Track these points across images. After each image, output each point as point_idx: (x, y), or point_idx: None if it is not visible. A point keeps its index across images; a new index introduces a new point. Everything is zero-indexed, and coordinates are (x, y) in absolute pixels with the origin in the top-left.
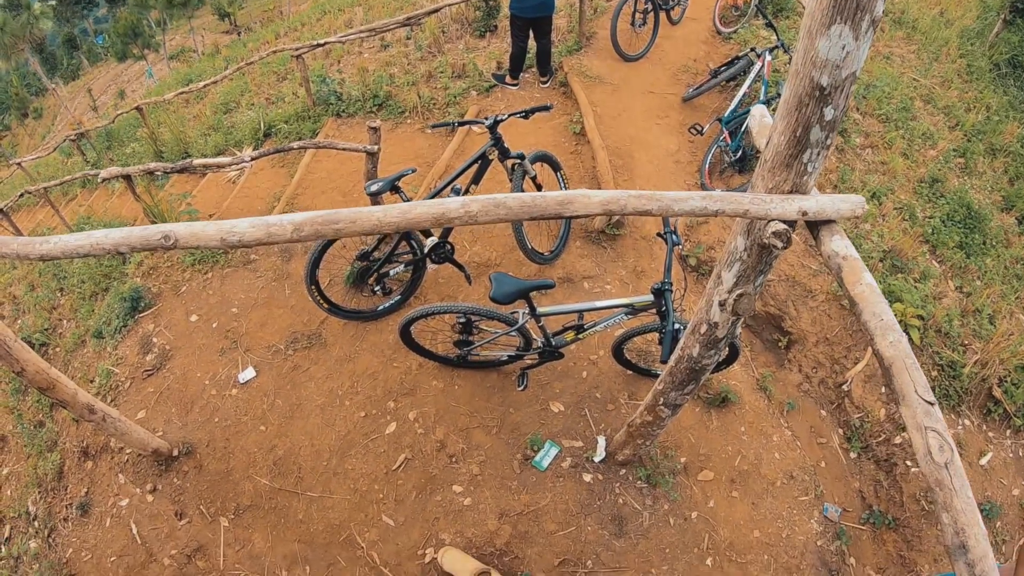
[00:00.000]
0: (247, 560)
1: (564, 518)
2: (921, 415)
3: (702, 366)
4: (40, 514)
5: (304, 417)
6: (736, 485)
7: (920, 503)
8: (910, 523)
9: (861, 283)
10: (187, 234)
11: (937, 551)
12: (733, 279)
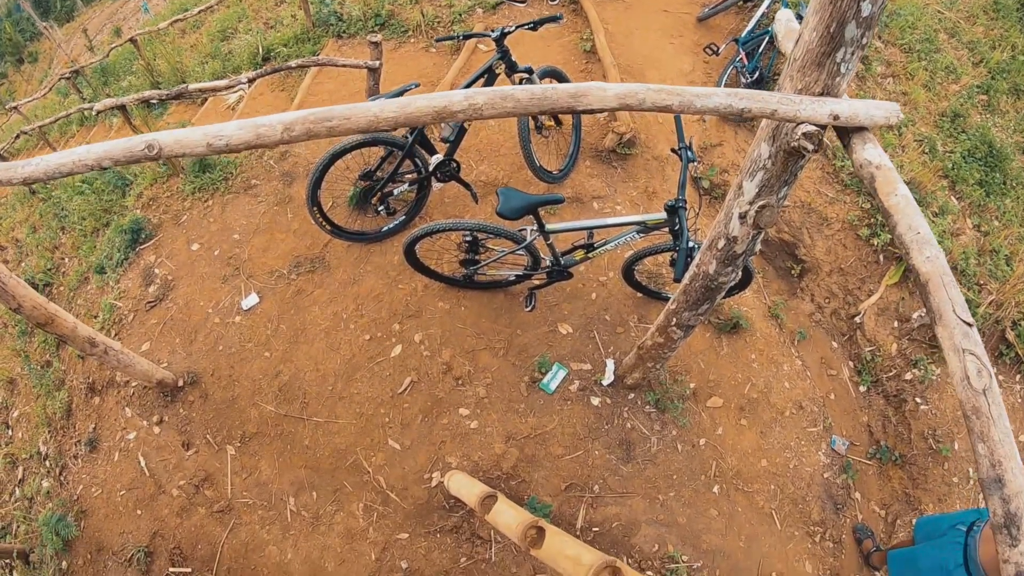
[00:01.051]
0: (254, 488)
1: (571, 442)
2: (959, 336)
3: (718, 284)
4: (51, 453)
5: (308, 342)
6: (745, 413)
7: (928, 441)
8: (917, 461)
9: (896, 194)
10: (171, 141)
11: (942, 491)
12: (755, 189)
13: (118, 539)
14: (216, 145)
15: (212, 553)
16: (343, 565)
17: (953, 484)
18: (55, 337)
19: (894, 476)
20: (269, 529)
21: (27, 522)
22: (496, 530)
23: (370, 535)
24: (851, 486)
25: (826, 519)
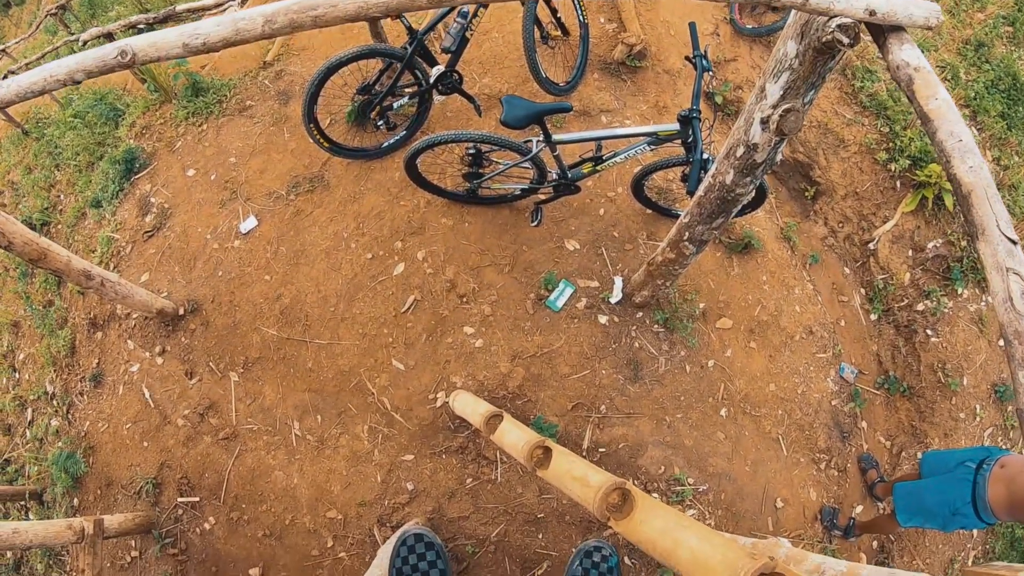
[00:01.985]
0: (259, 413)
1: (578, 361)
2: (1003, 254)
3: (734, 196)
4: (58, 392)
5: (309, 263)
6: (754, 336)
7: (937, 374)
8: (925, 393)
9: (936, 98)
10: (145, 45)
11: (948, 426)
12: (780, 92)
13: (126, 472)
14: (193, 45)
15: (219, 481)
16: (349, 488)
17: (960, 420)
18: (51, 273)
19: (901, 408)
20: (275, 454)
21: (39, 463)
22: (502, 450)
23: (375, 457)
24: (858, 415)
25: (832, 447)
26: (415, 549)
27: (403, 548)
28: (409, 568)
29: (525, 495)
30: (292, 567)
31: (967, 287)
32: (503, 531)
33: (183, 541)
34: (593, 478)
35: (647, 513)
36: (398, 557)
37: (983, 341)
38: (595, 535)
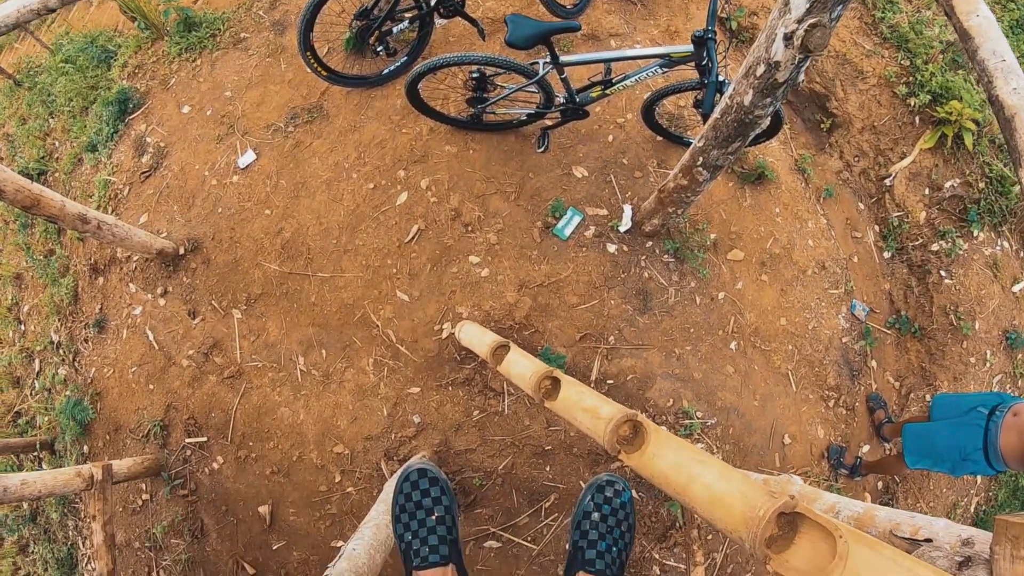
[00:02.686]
0: (263, 350)
1: (586, 291)
2: None
3: (753, 119)
4: (63, 341)
5: (310, 195)
6: (766, 269)
7: (949, 317)
8: (936, 335)
9: (977, 14)
10: None
11: (958, 369)
12: (805, 4)
13: (134, 416)
14: None
15: (226, 420)
16: (355, 423)
17: (970, 364)
18: (46, 219)
19: (912, 348)
20: (280, 391)
21: (48, 413)
22: (509, 382)
23: (381, 391)
24: (868, 354)
25: (841, 385)
26: (418, 485)
27: (406, 484)
28: (413, 505)
29: (532, 427)
30: (301, 503)
31: (983, 230)
32: (510, 463)
33: (192, 482)
34: (603, 409)
35: (660, 447)
36: (401, 494)
37: (997, 286)
38: (603, 468)
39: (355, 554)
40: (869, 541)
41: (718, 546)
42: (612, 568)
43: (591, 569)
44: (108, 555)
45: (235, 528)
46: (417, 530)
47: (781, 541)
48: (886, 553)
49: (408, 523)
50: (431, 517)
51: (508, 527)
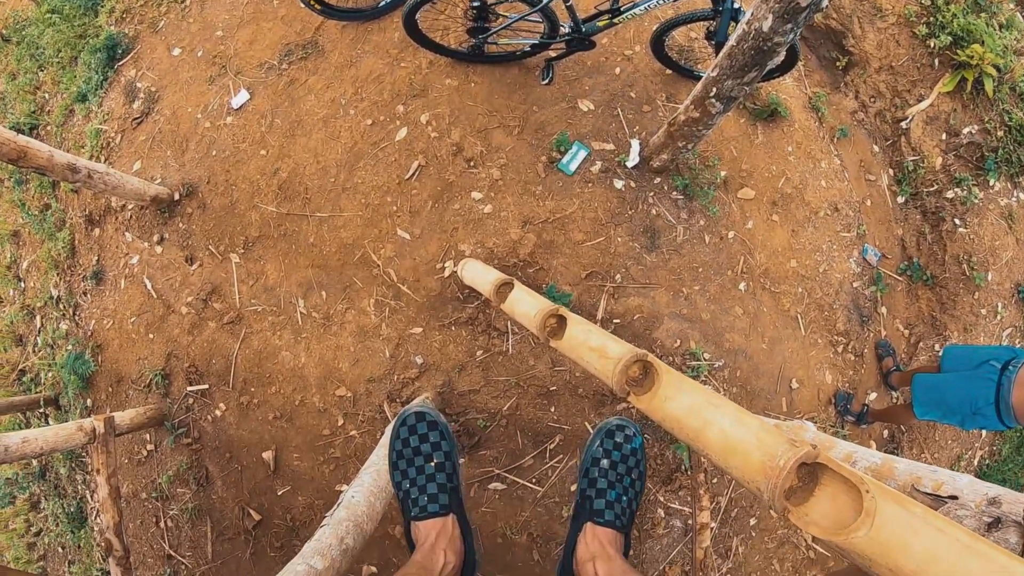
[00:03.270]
0: (262, 293)
1: (592, 227)
2: None
3: (771, 46)
4: (63, 295)
5: (306, 134)
6: (777, 208)
7: (962, 266)
8: (948, 285)
9: None
10: None
11: (968, 320)
12: None
13: (135, 367)
14: None
15: (227, 366)
16: (357, 365)
17: (981, 316)
18: (35, 172)
19: (922, 296)
20: (280, 334)
21: (52, 368)
22: (513, 320)
23: (383, 331)
24: (878, 300)
25: (850, 330)
26: (416, 429)
27: (403, 429)
28: (410, 451)
29: (537, 367)
30: (304, 448)
31: (1000, 180)
32: (515, 404)
33: (196, 430)
34: (612, 349)
35: (672, 389)
36: (398, 439)
37: (1011, 238)
38: (608, 409)
39: (354, 502)
40: (897, 497)
41: (723, 489)
42: (622, 519)
43: (599, 520)
44: (114, 507)
45: (240, 475)
46: (415, 478)
47: (801, 493)
48: (916, 511)
49: (406, 470)
50: (430, 464)
51: (513, 469)
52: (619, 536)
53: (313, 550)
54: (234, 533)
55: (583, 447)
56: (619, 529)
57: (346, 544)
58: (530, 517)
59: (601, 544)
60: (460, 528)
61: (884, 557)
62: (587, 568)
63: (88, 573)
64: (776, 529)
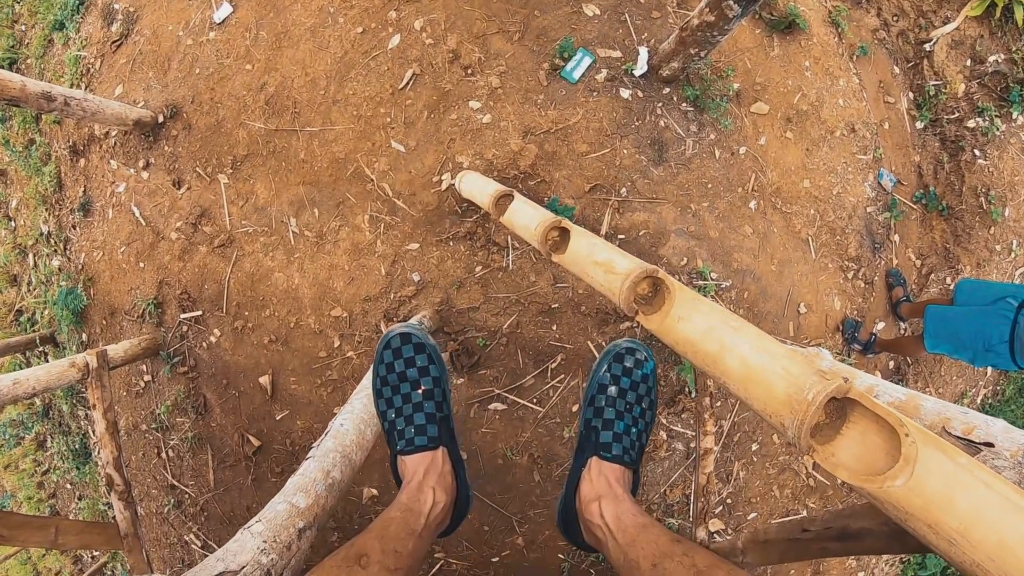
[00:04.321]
0: (253, 214)
1: (597, 138)
2: None
3: None
4: (52, 230)
5: (293, 45)
6: (792, 125)
7: (980, 199)
8: (964, 217)
9: None
10: None
11: (982, 256)
12: None
13: (127, 298)
14: None
15: (219, 291)
16: (352, 283)
17: (995, 252)
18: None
19: (936, 227)
20: (273, 255)
21: (47, 306)
22: (513, 235)
23: (378, 249)
24: (892, 227)
25: (862, 256)
26: (401, 353)
27: (387, 353)
28: (395, 377)
29: (538, 284)
30: (301, 371)
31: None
32: (515, 322)
33: (191, 358)
34: (619, 264)
35: (686, 308)
36: (381, 364)
37: None
38: (612, 328)
39: (343, 431)
40: (939, 443)
41: (726, 414)
42: (630, 454)
43: (606, 455)
44: (112, 442)
45: (237, 401)
46: (401, 407)
47: (827, 431)
48: (961, 461)
49: (391, 399)
50: (417, 391)
51: (513, 389)
52: (627, 472)
53: (296, 486)
54: (235, 460)
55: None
56: (627, 465)
57: (332, 478)
58: (531, 438)
59: (608, 482)
60: (451, 462)
61: (923, 511)
62: (592, 509)
63: (95, 507)
64: (777, 455)
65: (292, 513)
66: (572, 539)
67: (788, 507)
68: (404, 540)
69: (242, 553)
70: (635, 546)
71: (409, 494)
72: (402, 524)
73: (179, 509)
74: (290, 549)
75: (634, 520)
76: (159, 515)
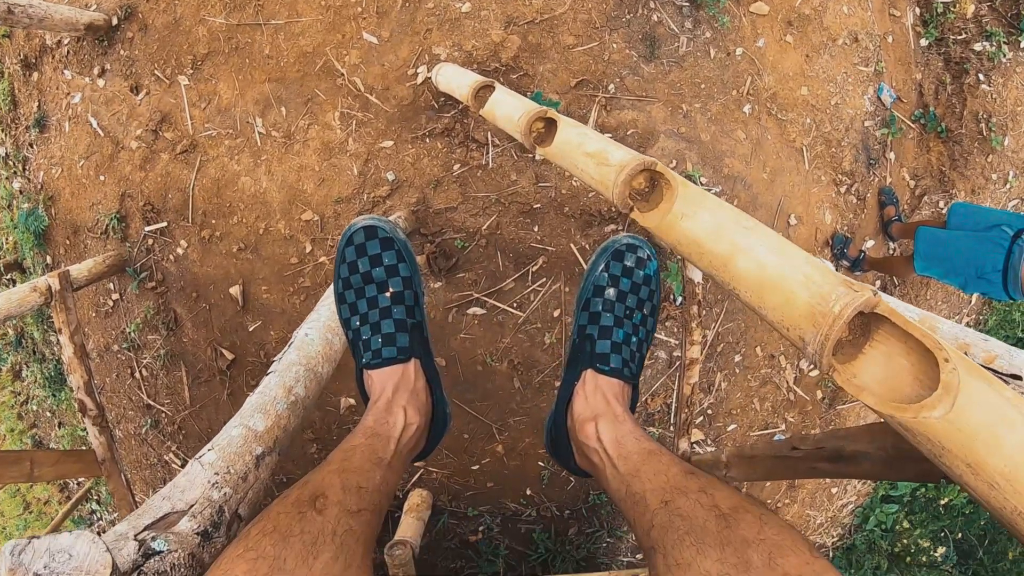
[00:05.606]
0: (216, 116)
1: (585, 31)
2: None
3: None
4: (10, 151)
5: None
6: (793, 29)
7: (980, 125)
8: (962, 141)
9: None
10: None
11: (978, 183)
12: None
13: (89, 214)
14: None
15: (184, 200)
16: (323, 185)
17: (991, 181)
18: None
19: (934, 149)
20: (239, 159)
21: (10, 231)
22: (494, 130)
23: (350, 147)
24: (888, 144)
25: (856, 172)
26: (365, 249)
27: (349, 250)
28: (359, 278)
29: (520, 182)
30: (272, 279)
31: None
32: (495, 223)
33: (159, 272)
34: (614, 154)
35: (690, 204)
36: (343, 263)
37: None
38: (596, 231)
39: (308, 340)
40: (983, 373)
41: (711, 323)
42: (630, 367)
43: (603, 368)
44: (81, 366)
45: (208, 314)
46: (367, 313)
47: (847, 348)
48: (1007, 395)
49: (355, 304)
50: (384, 294)
51: (492, 293)
52: (626, 388)
53: (254, 406)
54: (209, 375)
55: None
56: (627, 379)
57: (296, 394)
58: (511, 344)
59: (605, 399)
60: (425, 377)
61: (963, 449)
62: (587, 429)
63: (75, 433)
64: (760, 368)
65: (248, 438)
66: (562, 461)
67: (768, 420)
68: (369, 472)
69: (191, 489)
70: (639, 477)
71: (376, 416)
72: (367, 453)
73: (157, 429)
74: (246, 480)
75: (638, 445)
76: (137, 436)
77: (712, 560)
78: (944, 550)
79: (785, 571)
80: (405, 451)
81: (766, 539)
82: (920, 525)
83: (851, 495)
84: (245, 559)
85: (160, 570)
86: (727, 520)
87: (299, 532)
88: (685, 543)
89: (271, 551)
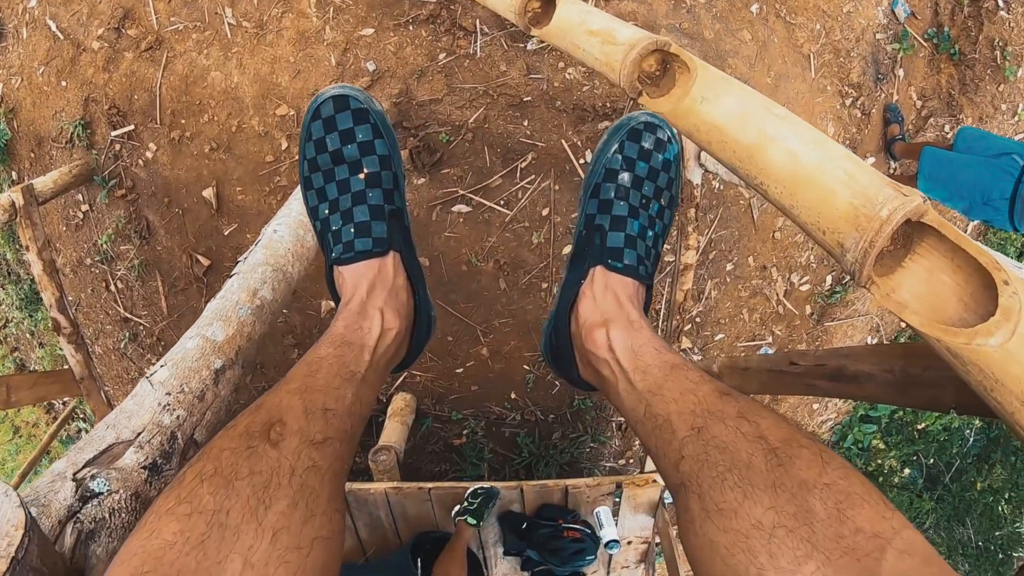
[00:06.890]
0: (182, 8)
1: None
2: None
3: None
4: None
5: None
6: None
7: (995, 52)
8: (975, 67)
9: None
10: None
11: (986, 111)
12: None
13: (53, 123)
14: None
15: (151, 100)
16: (298, 77)
17: (1000, 111)
18: None
19: (944, 71)
20: (208, 53)
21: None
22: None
23: (327, 36)
24: (898, 60)
25: (863, 84)
26: (335, 124)
27: (316, 125)
28: (328, 157)
29: (509, 73)
30: (247, 179)
31: None
32: (482, 116)
33: (128, 178)
34: (622, 32)
35: (712, 87)
36: (310, 141)
37: None
38: (589, 127)
39: (277, 238)
40: None
41: (704, 229)
42: (646, 264)
43: (615, 264)
44: (52, 283)
45: (182, 219)
46: (337, 199)
47: (887, 260)
48: None
49: (323, 189)
50: (358, 176)
51: (479, 189)
52: (641, 288)
53: (214, 313)
54: (186, 283)
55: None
56: (641, 279)
57: (261, 298)
58: (497, 243)
59: (617, 300)
60: (406, 272)
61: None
62: (596, 336)
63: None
64: (751, 278)
65: (206, 350)
66: (562, 372)
67: (755, 331)
68: (339, 391)
69: (138, 414)
70: (662, 396)
71: (347, 320)
72: (336, 367)
73: (135, 342)
74: (203, 400)
75: (658, 357)
76: (116, 351)
77: (763, 507)
78: (909, 472)
79: (858, 526)
80: (382, 362)
81: (831, 484)
82: (895, 447)
83: (831, 412)
84: (175, 515)
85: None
86: (779, 456)
87: (247, 473)
88: (727, 483)
89: (210, 502)
